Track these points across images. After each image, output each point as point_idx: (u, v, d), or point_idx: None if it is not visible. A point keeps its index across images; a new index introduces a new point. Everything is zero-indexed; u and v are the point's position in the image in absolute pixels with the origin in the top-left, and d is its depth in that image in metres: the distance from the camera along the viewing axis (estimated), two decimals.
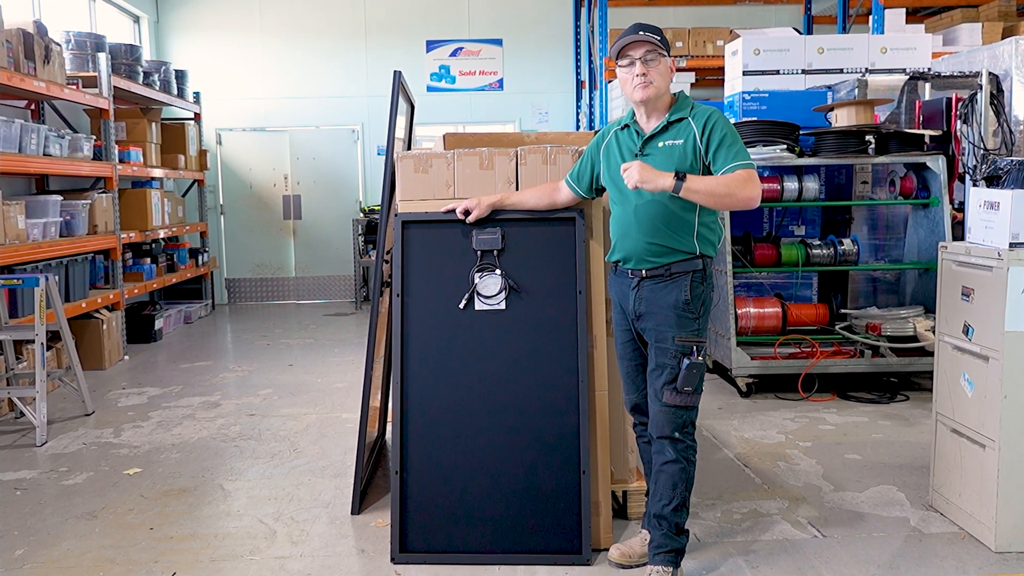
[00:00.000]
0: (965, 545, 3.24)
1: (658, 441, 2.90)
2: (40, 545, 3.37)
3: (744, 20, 10.33)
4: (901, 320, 5.47)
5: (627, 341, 3.04)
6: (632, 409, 3.13)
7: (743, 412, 5.14)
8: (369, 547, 3.29)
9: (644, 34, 2.80)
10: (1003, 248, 3.12)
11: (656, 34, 2.82)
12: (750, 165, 2.76)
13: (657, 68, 2.81)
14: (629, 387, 3.09)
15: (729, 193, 2.70)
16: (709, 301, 2.90)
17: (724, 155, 2.76)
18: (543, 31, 10.57)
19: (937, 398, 3.56)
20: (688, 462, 2.89)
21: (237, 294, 10.55)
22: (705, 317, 2.88)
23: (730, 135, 2.78)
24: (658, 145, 2.84)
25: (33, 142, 5.91)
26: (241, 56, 10.31)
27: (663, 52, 2.82)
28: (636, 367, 3.04)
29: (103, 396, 5.81)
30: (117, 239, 7.19)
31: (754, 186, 2.72)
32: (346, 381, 6.12)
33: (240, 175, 10.45)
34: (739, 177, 2.72)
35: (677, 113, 2.85)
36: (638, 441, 3.19)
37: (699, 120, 2.81)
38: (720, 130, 2.78)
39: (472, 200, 3.21)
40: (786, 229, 6.30)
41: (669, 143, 2.82)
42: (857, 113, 5.64)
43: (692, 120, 2.82)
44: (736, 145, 2.78)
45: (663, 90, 2.85)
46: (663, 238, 2.83)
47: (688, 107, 2.87)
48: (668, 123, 2.84)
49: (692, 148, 2.79)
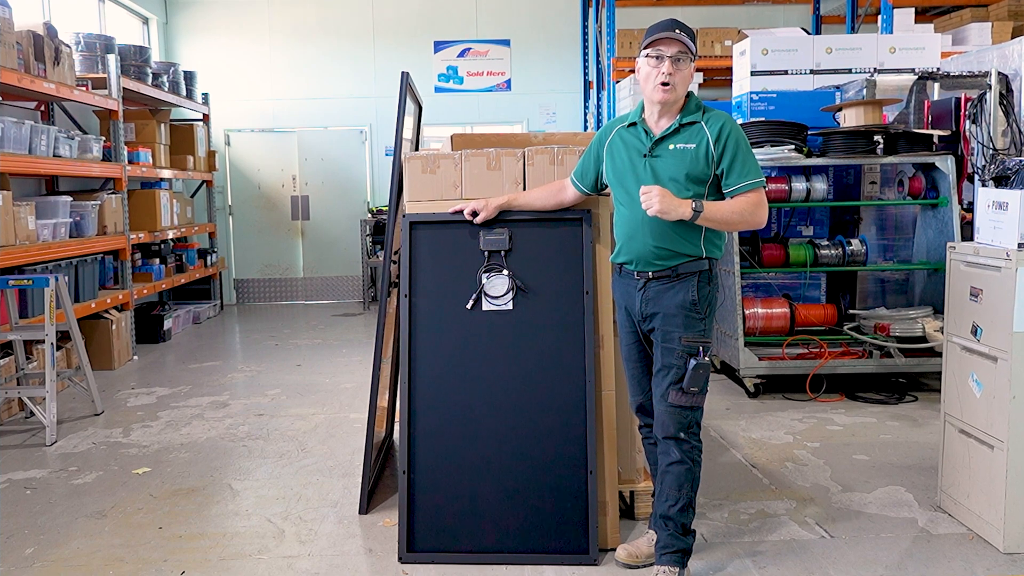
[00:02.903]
0: (973, 546, 3.23)
1: (664, 442, 2.90)
2: (50, 544, 3.39)
3: (752, 20, 10.31)
4: (910, 321, 5.45)
5: (632, 343, 3.03)
6: (637, 410, 3.13)
7: (751, 413, 5.13)
8: (377, 546, 3.30)
9: (679, 32, 2.77)
10: (1012, 248, 3.11)
11: (690, 36, 2.80)
12: (759, 183, 2.79)
13: (682, 72, 2.78)
14: (634, 388, 3.09)
15: (743, 221, 2.78)
16: (715, 302, 2.91)
17: (738, 171, 2.76)
18: (551, 32, 10.57)
19: (945, 399, 3.55)
20: (693, 462, 2.88)
21: (245, 294, 10.58)
22: (711, 318, 2.88)
23: (743, 148, 2.79)
24: (668, 147, 2.81)
25: (43, 143, 5.94)
26: (249, 57, 10.35)
27: (692, 56, 2.80)
28: (641, 368, 3.04)
29: (112, 396, 5.84)
30: (126, 240, 7.22)
31: (763, 209, 2.80)
32: (354, 381, 6.13)
33: (248, 176, 10.49)
34: (750, 203, 2.76)
35: (689, 116, 2.83)
36: (644, 443, 3.19)
37: (713, 127, 2.79)
38: (734, 142, 2.77)
39: (480, 201, 3.21)
40: (794, 229, 6.28)
41: (681, 146, 2.80)
42: (865, 113, 5.62)
43: (705, 125, 2.80)
44: (749, 160, 2.79)
45: (681, 95, 2.83)
46: (671, 242, 2.82)
47: (700, 110, 2.85)
48: (680, 125, 2.82)
49: (704, 154, 2.78)
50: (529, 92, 10.58)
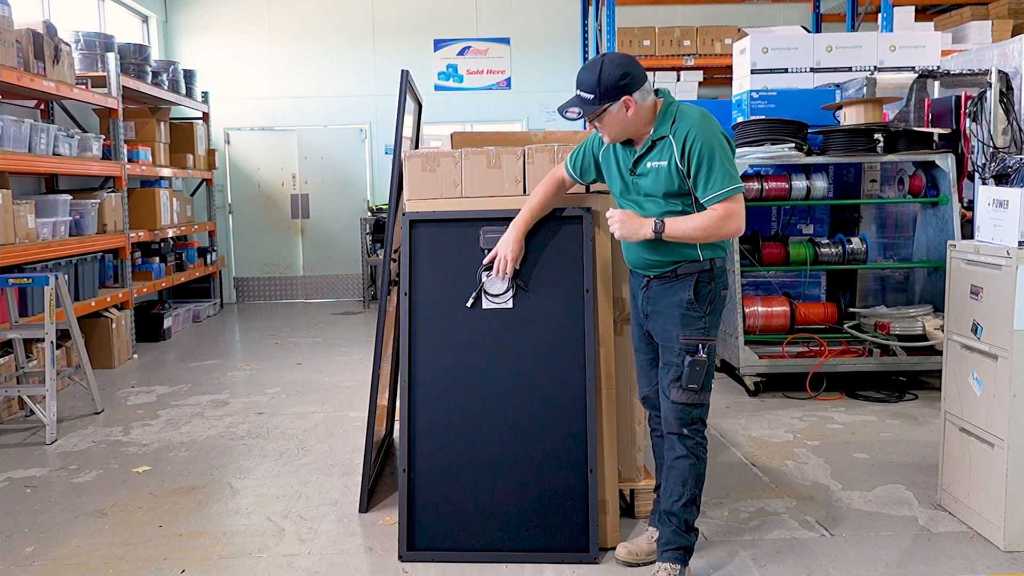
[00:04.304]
0: (973, 544, 3.23)
1: (668, 437, 2.92)
2: (50, 542, 3.39)
3: (752, 18, 10.31)
4: (910, 319, 5.45)
5: (641, 335, 3.05)
6: (644, 401, 3.14)
7: (751, 411, 5.13)
8: (377, 545, 3.30)
9: (573, 101, 2.76)
10: (1012, 246, 3.10)
11: (590, 90, 2.69)
12: (731, 192, 2.65)
13: (605, 120, 2.74)
14: (642, 380, 3.11)
15: (709, 235, 2.70)
16: (720, 300, 2.86)
17: (703, 184, 2.66)
18: (551, 30, 10.56)
19: (946, 397, 3.55)
20: (698, 458, 2.89)
21: (245, 293, 10.58)
22: (714, 316, 2.85)
23: (708, 157, 2.65)
24: (647, 166, 2.78)
25: (43, 142, 5.94)
26: (249, 56, 10.34)
27: (598, 103, 2.69)
28: (649, 361, 3.04)
29: (112, 394, 5.84)
30: (126, 238, 7.22)
31: (733, 221, 2.66)
32: (354, 380, 6.13)
33: (248, 174, 10.48)
34: (716, 217, 2.66)
35: (658, 131, 2.75)
36: (652, 435, 3.19)
37: (679, 137, 2.69)
38: (698, 153, 2.65)
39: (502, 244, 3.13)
40: (794, 228, 6.28)
41: (655, 164, 2.75)
42: (866, 111, 5.62)
43: (672, 138, 2.71)
44: (715, 170, 2.64)
45: (629, 128, 2.76)
46: (661, 252, 2.80)
47: (670, 120, 2.73)
48: (652, 142, 2.76)
49: (675, 170, 2.70)
50: (529, 90, 10.57)
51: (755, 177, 5.68)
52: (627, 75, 2.69)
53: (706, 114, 2.75)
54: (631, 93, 2.69)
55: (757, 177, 5.68)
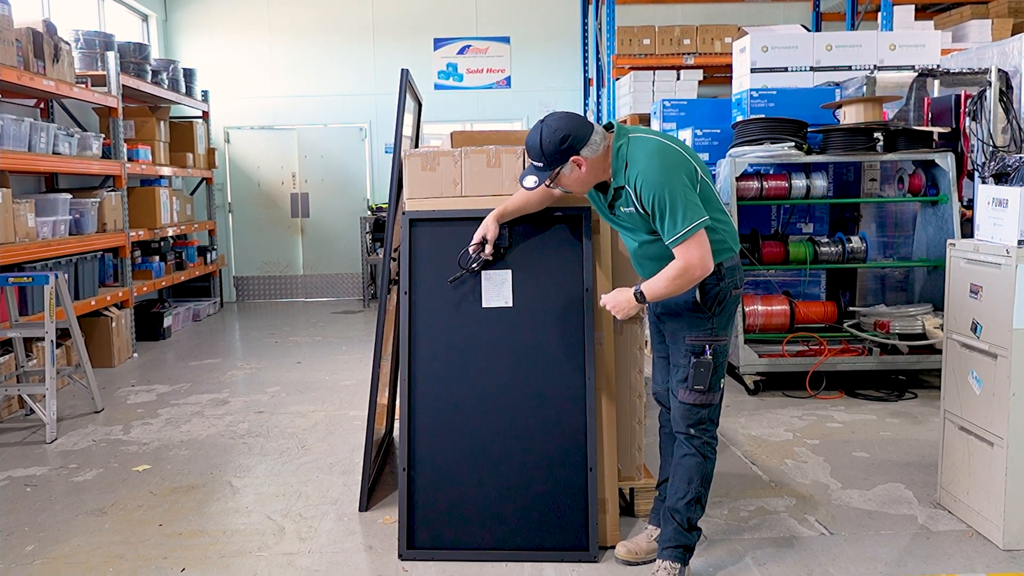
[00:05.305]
0: (973, 543, 3.23)
1: (676, 435, 2.94)
2: (50, 541, 3.40)
3: (752, 17, 10.29)
4: (910, 318, 5.45)
5: (656, 333, 3.08)
6: (656, 396, 3.16)
7: (751, 410, 5.14)
8: (377, 544, 3.30)
9: (531, 166, 2.77)
10: (1012, 245, 3.11)
11: (538, 159, 2.72)
12: (690, 232, 2.60)
13: (562, 182, 2.78)
14: (656, 376, 3.13)
15: (682, 285, 2.68)
16: (731, 299, 2.84)
17: (664, 228, 2.65)
18: (551, 29, 10.56)
19: (945, 396, 3.55)
20: (704, 457, 2.89)
21: (245, 292, 10.58)
22: (724, 316, 2.84)
23: (659, 204, 2.62)
24: (621, 210, 2.80)
25: (42, 141, 5.94)
26: (249, 54, 10.34)
27: (552, 171, 2.73)
28: (664, 359, 3.06)
29: (112, 393, 5.84)
30: (126, 237, 7.22)
31: (698, 265, 2.63)
32: (354, 378, 6.13)
33: (248, 173, 10.48)
34: (678, 268, 2.64)
35: (616, 179, 2.75)
36: (660, 431, 3.19)
37: (633, 187, 2.68)
38: (651, 201, 2.64)
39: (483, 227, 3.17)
40: (794, 227, 6.28)
41: (627, 210, 2.77)
42: (865, 110, 5.62)
43: (628, 187, 2.70)
44: (668, 214, 2.62)
45: (588, 181, 2.79)
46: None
47: (622, 166, 2.71)
48: (615, 190, 2.78)
49: (641, 215, 2.72)
50: (529, 89, 10.57)
51: (755, 176, 5.68)
52: (567, 137, 2.69)
53: (652, 151, 2.69)
54: (578, 152, 2.70)
55: (757, 176, 5.68)
